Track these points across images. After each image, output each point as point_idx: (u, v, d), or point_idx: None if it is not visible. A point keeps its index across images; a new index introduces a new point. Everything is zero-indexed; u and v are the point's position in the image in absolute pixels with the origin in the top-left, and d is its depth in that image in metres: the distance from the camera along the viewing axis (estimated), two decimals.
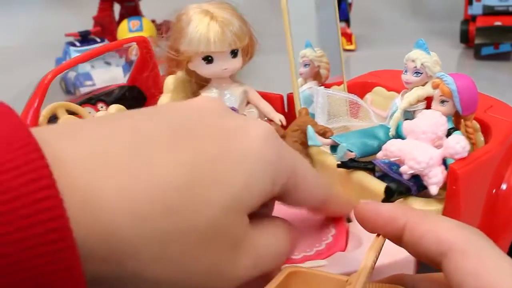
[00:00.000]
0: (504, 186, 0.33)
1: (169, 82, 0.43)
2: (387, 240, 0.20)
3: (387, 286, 0.19)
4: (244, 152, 0.17)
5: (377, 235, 0.19)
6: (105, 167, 0.15)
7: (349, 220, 0.34)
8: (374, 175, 0.33)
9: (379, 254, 0.19)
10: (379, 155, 0.32)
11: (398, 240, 0.18)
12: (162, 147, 0.16)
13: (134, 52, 0.58)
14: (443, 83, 0.31)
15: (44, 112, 0.39)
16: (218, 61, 0.40)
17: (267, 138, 0.18)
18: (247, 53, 0.43)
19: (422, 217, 0.18)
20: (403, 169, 0.29)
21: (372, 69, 0.50)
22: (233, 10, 0.41)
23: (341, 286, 0.19)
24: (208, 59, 0.40)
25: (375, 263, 0.19)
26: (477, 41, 0.87)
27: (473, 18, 0.91)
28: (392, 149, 0.30)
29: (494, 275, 0.15)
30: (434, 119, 0.30)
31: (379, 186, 0.30)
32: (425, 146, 0.30)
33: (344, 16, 1.03)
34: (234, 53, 0.41)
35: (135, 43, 0.51)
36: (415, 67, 0.36)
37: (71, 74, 0.83)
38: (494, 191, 0.32)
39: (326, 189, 0.21)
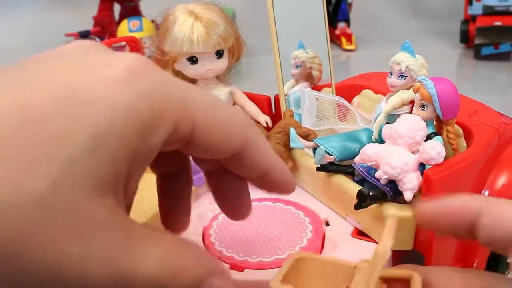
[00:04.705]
0: (486, 193, 0.32)
1: None
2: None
3: (402, 271, 0.19)
4: (87, 100, 0.13)
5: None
6: None
7: (327, 224, 0.33)
8: (354, 179, 0.32)
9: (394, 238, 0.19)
10: (357, 159, 0.31)
11: (468, 229, 0.17)
12: None
13: (127, 51, 0.59)
14: (423, 87, 0.30)
15: None
16: (203, 61, 0.40)
17: (126, 79, 0.14)
18: (233, 54, 0.43)
19: (498, 200, 0.17)
20: (378, 174, 0.29)
21: (372, 69, 0.49)
22: (220, 11, 0.41)
23: (350, 272, 0.19)
24: (193, 60, 0.40)
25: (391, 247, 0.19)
26: (477, 41, 0.86)
27: (473, 18, 0.90)
28: (369, 154, 0.30)
29: None
30: (413, 124, 0.30)
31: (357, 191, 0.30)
32: (401, 151, 0.29)
33: (344, 16, 1.03)
34: (219, 54, 0.41)
35: (125, 42, 0.51)
36: (400, 70, 0.35)
37: None
38: None
39: (243, 131, 0.17)
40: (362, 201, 0.28)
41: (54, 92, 0.13)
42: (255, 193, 0.38)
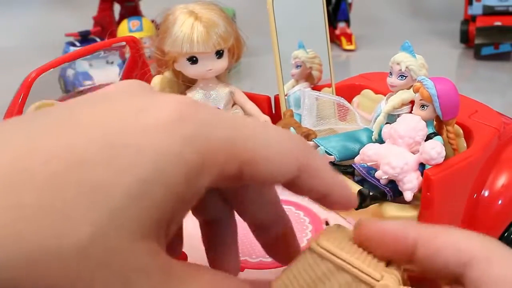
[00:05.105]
0: (486, 193, 0.32)
1: (155, 82, 0.43)
2: None
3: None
4: (133, 147, 0.13)
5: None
6: None
7: (327, 224, 0.33)
8: (354, 179, 0.33)
9: None
10: (357, 159, 0.31)
11: (407, 257, 0.17)
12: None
13: (127, 51, 0.59)
14: (423, 87, 0.30)
15: (29, 111, 0.39)
16: (203, 61, 0.40)
17: (173, 123, 0.14)
18: (233, 54, 0.43)
19: (435, 230, 0.17)
20: (378, 173, 0.29)
21: (372, 69, 0.49)
22: (220, 11, 0.41)
23: None
24: (193, 60, 0.40)
25: None
26: (477, 41, 0.86)
27: (473, 18, 0.90)
28: (369, 154, 0.30)
29: None
30: (412, 124, 0.30)
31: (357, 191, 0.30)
32: (402, 151, 0.29)
33: (344, 16, 1.03)
34: (219, 54, 0.41)
35: (125, 42, 0.51)
36: (400, 70, 0.35)
37: (70, 73, 0.83)
38: (475, 196, 0.32)
39: (295, 159, 0.16)
40: (362, 201, 0.28)
41: (101, 138, 0.13)
42: None
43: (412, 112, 0.32)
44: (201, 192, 0.15)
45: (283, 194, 0.36)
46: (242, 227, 0.32)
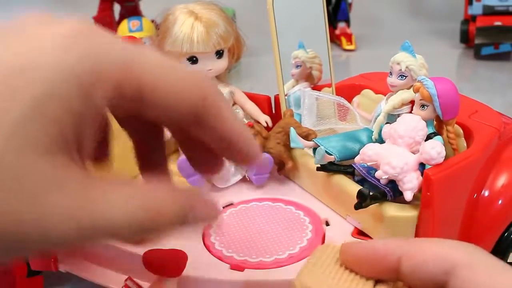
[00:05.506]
0: (486, 193, 0.32)
1: None
2: None
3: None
4: (29, 66, 0.14)
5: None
6: None
7: (327, 224, 0.33)
8: (354, 179, 0.33)
9: None
10: (357, 159, 0.31)
11: (394, 274, 0.18)
12: None
13: None
14: (423, 86, 0.30)
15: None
16: (203, 61, 0.40)
17: (69, 41, 0.14)
18: (233, 54, 0.43)
19: (417, 243, 0.17)
20: (378, 173, 0.29)
21: (372, 69, 0.49)
22: (220, 11, 0.41)
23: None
24: (193, 60, 0.40)
25: None
26: (477, 41, 0.86)
27: (473, 18, 0.90)
28: (369, 154, 0.30)
29: (506, 285, 0.15)
30: (412, 124, 0.30)
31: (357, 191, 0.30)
32: (402, 151, 0.29)
33: (344, 16, 1.03)
34: (219, 54, 0.41)
35: None
36: (400, 70, 0.35)
37: None
38: (475, 196, 0.32)
39: (199, 91, 0.16)
40: (362, 201, 0.28)
41: (4, 60, 0.14)
42: (254, 193, 0.38)
43: (412, 112, 0.32)
44: (101, 109, 0.15)
45: (283, 195, 0.37)
46: (243, 228, 0.32)
